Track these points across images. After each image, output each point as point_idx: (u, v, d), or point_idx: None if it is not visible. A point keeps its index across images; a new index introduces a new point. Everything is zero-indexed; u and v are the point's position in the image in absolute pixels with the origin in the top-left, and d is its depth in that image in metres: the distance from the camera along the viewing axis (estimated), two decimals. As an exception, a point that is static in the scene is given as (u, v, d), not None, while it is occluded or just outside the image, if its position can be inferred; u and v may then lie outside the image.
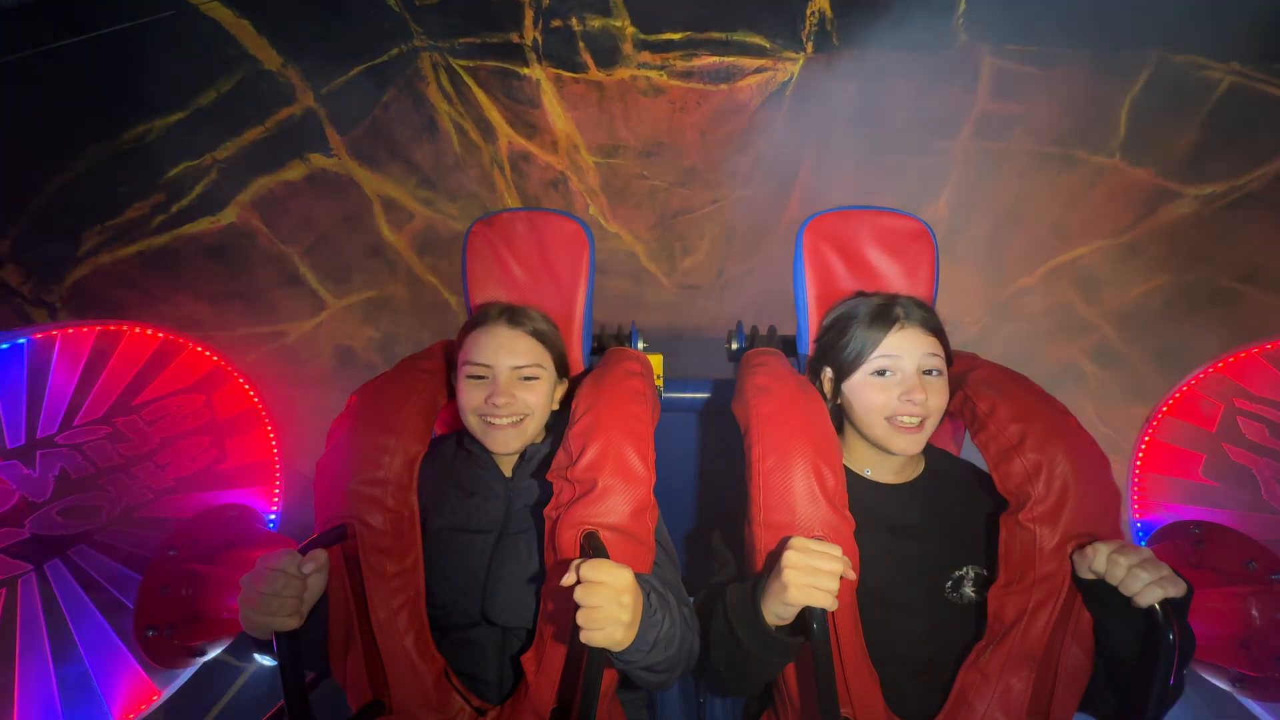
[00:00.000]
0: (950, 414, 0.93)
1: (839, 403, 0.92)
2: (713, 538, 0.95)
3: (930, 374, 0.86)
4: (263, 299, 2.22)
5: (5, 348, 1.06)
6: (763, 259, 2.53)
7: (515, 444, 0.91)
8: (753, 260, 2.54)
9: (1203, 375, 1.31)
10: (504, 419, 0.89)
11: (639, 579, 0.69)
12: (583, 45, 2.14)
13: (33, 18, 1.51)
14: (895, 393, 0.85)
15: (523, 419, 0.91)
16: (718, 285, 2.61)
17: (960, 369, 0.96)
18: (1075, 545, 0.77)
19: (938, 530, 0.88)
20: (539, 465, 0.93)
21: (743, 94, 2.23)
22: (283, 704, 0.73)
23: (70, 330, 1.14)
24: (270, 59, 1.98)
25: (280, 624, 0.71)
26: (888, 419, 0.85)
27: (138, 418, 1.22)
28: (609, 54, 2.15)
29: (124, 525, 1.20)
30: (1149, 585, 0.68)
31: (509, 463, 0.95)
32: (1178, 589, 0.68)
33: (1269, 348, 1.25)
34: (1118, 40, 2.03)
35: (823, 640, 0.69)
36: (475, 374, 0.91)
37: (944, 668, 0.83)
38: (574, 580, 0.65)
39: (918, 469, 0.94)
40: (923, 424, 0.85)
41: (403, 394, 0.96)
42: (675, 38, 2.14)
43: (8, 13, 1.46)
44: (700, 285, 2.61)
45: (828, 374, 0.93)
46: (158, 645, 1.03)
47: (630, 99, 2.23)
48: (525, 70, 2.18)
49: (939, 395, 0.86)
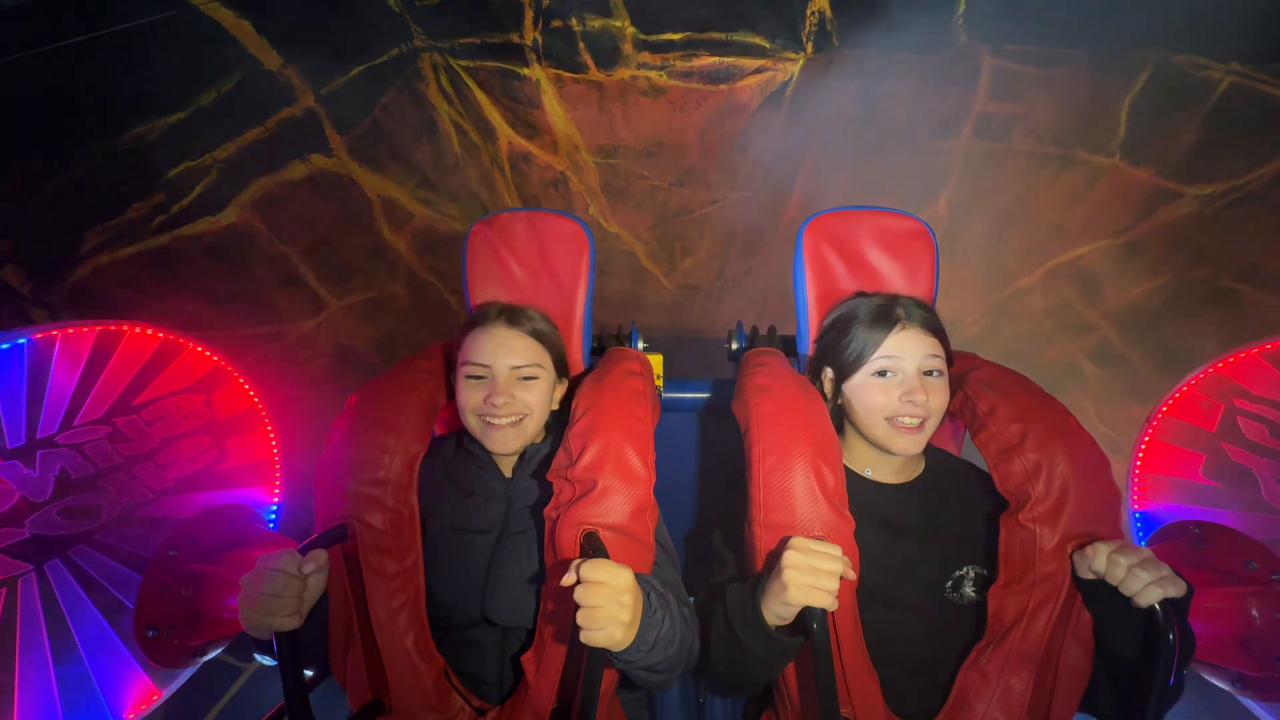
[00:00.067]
0: (950, 414, 0.93)
1: (839, 403, 0.92)
2: (713, 538, 0.95)
3: (931, 375, 0.86)
4: (263, 299, 2.22)
5: (5, 348, 1.06)
6: (763, 259, 2.53)
7: (514, 444, 0.91)
8: (753, 260, 2.54)
9: (1203, 375, 1.31)
10: (503, 419, 0.89)
11: (639, 579, 0.69)
12: (583, 45, 2.14)
13: (33, 18, 1.51)
14: (896, 393, 0.85)
15: (522, 419, 0.91)
16: (718, 285, 2.61)
17: (960, 369, 0.96)
18: (1075, 545, 0.77)
19: (938, 530, 0.88)
20: (539, 465, 0.93)
21: (743, 94, 2.22)
22: (283, 704, 0.73)
23: (70, 330, 1.14)
24: (270, 59, 1.98)
25: (280, 624, 0.71)
26: (888, 419, 0.85)
27: (138, 418, 1.22)
28: (609, 54, 2.15)
29: (124, 525, 1.20)
30: (1149, 585, 0.68)
31: (509, 463, 0.95)
32: (1178, 589, 0.68)
33: (1269, 348, 1.25)
34: (1117, 40, 2.02)
35: (823, 640, 0.69)
36: (474, 374, 0.91)
37: (944, 668, 0.83)
38: (574, 580, 0.65)
39: (918, 469, 0.94)
40: (923, 424, 0.85)
41: (403, 394, 0.96)
42: (675, 38, 2.14)
43: (7, 13, 1.46)
44: (700, 285, 2.61)
45: (828, 374, 0.93)
46: (158, 645, 1.03)
47: (630, 99, 2.23)
48: (525, 70, 2.18)
49: (940, 396, 0.86)
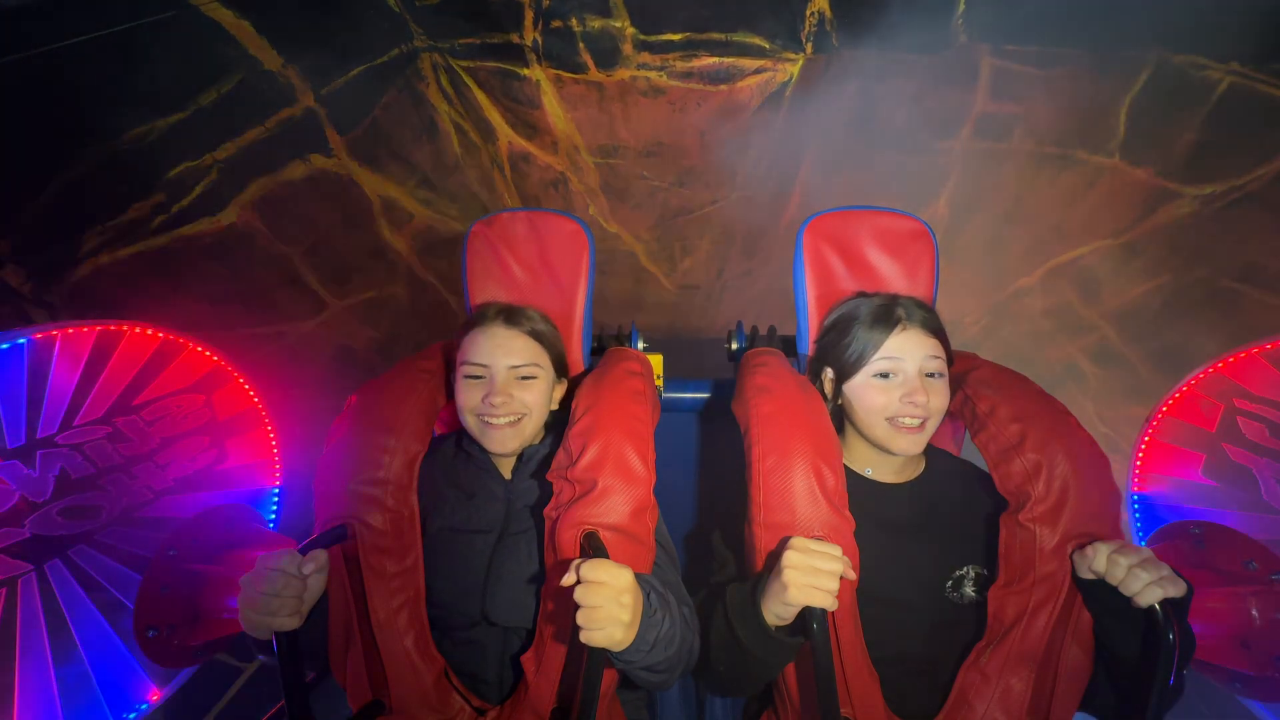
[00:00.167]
0: (950, 414, 0.93)
1: (840, 403, 0.92)
2: (713, 538, 0.95)
3: (932, 375, 0.86)
4: (263, 299, 2.22)
5: (5, 348, 1.06)
6: (762, 259, 2.53)
7: (513, 444, 0.91)
8: (753, 260, 2.54)
9: (1203, 375, 1.31)
10: (501, 419, 0.89)
11: (639, 579, 0.69)
12: (583, 46, 2.14)
13: (33, 18, 1.51)
14: (897, 394, 0.85)
15: (520, 419, 0.91)
16: (718, 285, 2.61)
17: (960, 369, 0.96)
18: (1075, 545, 0.77)
19: (938, 530, 0.88)
20: (538, 466, 0.93)
21: (742, 94, 2.23)
22: (283, 704, 0.73)
23: (70, 330, 1.14)
24: (270, 59, 1.98)
25: (280, 624, 0.71)
26: (889, 420, 0.86)
27: (138, 418, 1.22)
28: (609, 54, 2.15)
29: (124, 525, 1.20)
30: (1149, 585, 0.68)
31: (508, 464, 0.95)
32: (1178, 589, 0.69)
33: (1269, 348, 1.25)
34: (1117, 40, 2.03)
35: (823, 640, 0.69)
36: (472, 374, 0.91)
37: (944, 668, 0.83)
38: (574, 580, 0.65)
39: (918, 469, 0.94)
40: (924, 424, 0.85)
41: (402, 394, 0.96)
42: (675, 38, 2.14)
43: (7, 12, 1.46)
44: (700, 285, 2.61)
45: (828, 374, 0.93)
46: (158, 645, 1.03)
47: (630, 99, 2.23)
48: (525, 71, 2.18)
49: (940, 396, 0.86)
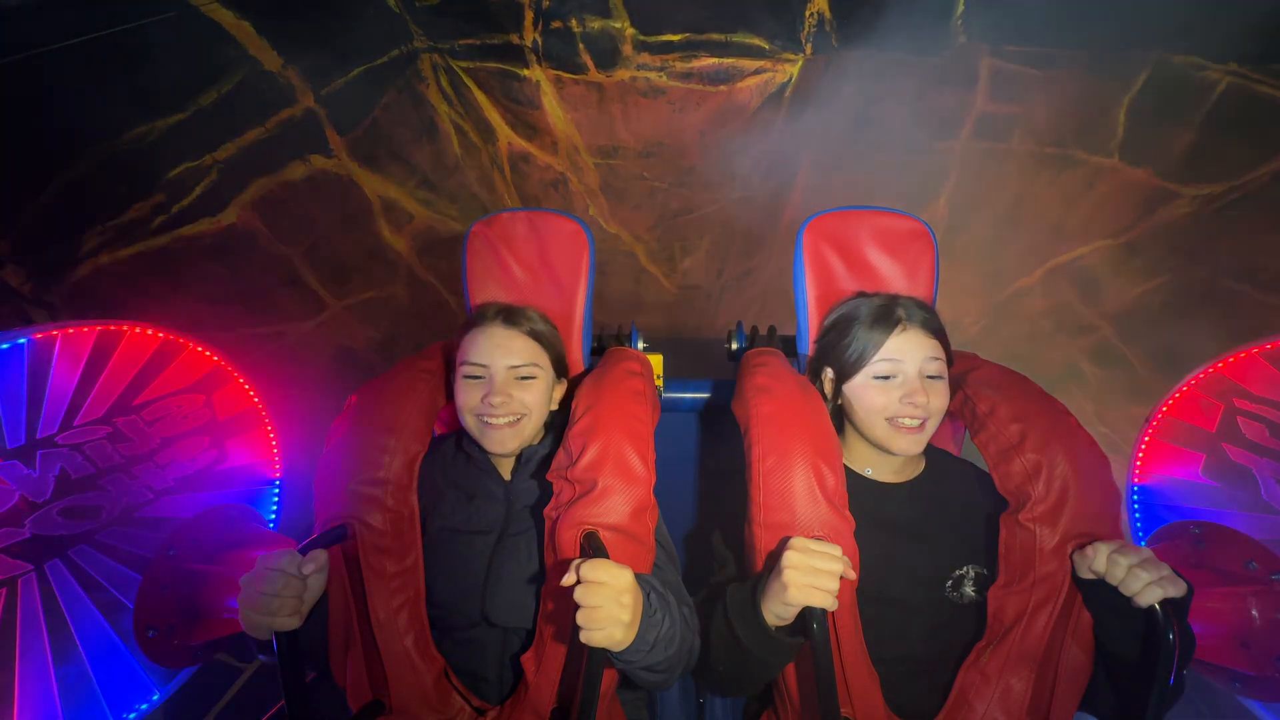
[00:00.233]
0: (950, 414, 0.93)
1: (839, 403, 0.92)
2: (713, 538, 0.95)
3: (932, 376, 0.86)
4: (263, 299, 2.22)
5: (5, 348, 1.06)
6: (762, 259, 2.53)
7: (512, 444, 0.91)
8: (752, 260, 2.55)
9: (1202, 375, 1.31)
10: (501, 419, 0.89)
11: (639, 579, 0.69)
12: (582, 46, 2.14)
13: (33, 18, 1.51)
14: (896, 395, 0.85)
15: (520, 419, 0.91)
16: (717, 285, 2.61)
17: (960, 369, 0.96)
18: (1075, 545, 0.77)
19: (938, 530, 0.88)
20: (538, 466, 0.93)
21: (742, 95, 2.23)
22: (283, 704, 0.73)
23: (70, 330, 1.13)
24: (270, 60, 1.98)
25: (280, 624, 0.71)
26: (889, 420, 0.86)
27: (138, 418, 1.22)
28: (609, 55, 2.16)
29: (124, 525, 1.20)
30: (1149, 585, 0.68)
31: (507, 464, 0.95)
32: (1178, 589, 0.69)
33: (1269, 348, 1.25)
34: (1116, 41, 2.03)
35: (823, 640, 0.69)
36: (472, 374, 0.91)
37: (944, 668, 0.83)
38: (574, 580, 0.65)
39: (918, 469, 0.94)
40: (924, 424, 0.85)
41: (402, 394, 0.96)
42: (674, 39, 2.14)
43: (8, 12, 1.46)
44: (700, 285, 2.61)
45: (828, 374, 0.93)
46: (158, 645, 1.03)
47: (630, 100, 2.23)
48: (525, 71, 2.19)
49: (940, 397, 0.86)
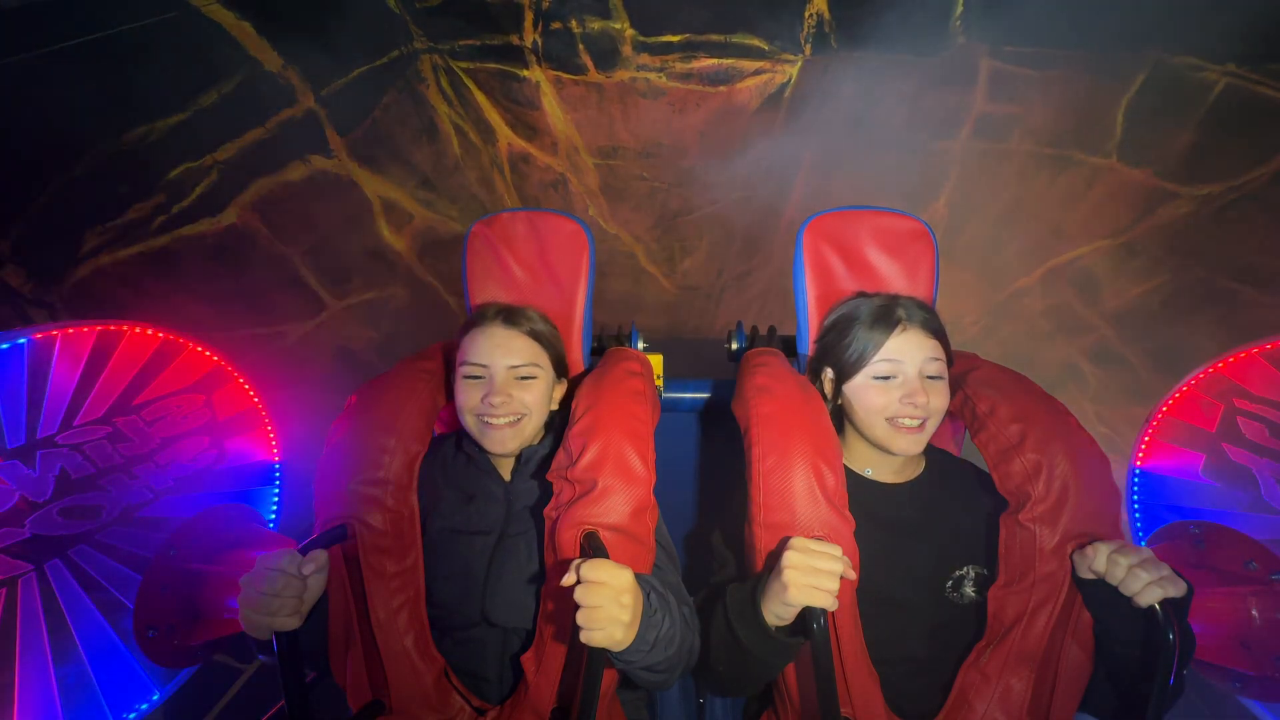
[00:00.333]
0: (950, 414, 0.93)
1: (839, 403, 0.92)
2: (713, 538, 0.95)
3: (932, 377, 0.86)
4: (263, 300, 2.22)
5: (5, 348, 1.06)
6: (762, 259, 2.53)
7: (512, 444, 0.91)
8: (752, 261, 2.55)
9: (1202, 375, 1.31)
10: (501, 419, 0.89)
11: (639, 579, 0.69)
12: (582, 47, 2.15)
13: (34, 19, 1.52)
14: (896, 395, 0.85)
15: (520, 419, 0.91)
16: (717, 286, 2.61)
17: (960, 369, 0.96)
18: (1075, 545, 0.77)
19: (938, 530, 0.88)
20: (538, 466, 0.93)
21: (741, 96, 2.23)
22: (283, 704, 0.73)
23: (70, 330, 1.14)
24: (271, 60, 1.98)
25: (280, 624, 0.71)
26: (889, 420, 0.85)
27: (138, 418, 1.22)
28: (608, 56, 2.16)
29: (124, 525, 1.20)
30: (1149, 585, 0.68)
31: (507, 465, 0.95)
32: (1178, 589, 0.69)
33: (1268, 348, 1.25)
34: (1114, 42, 2.03)
35: (823, 640, 0.69)
36: (472, 374, 0.91)
37: (944, 668, 0.83)
38: (574, 580, 0.65)
39: (918, 469, 0.94)
40: (924, 424, 0.85)
41: (402, 394, 0.96)
42: (674, 40, 2.14)
43: (9, 13, 1.46)
44: (700, 286, 2.61)
45: (828, 374, 0.93)
46: (158, 645, 1.03)
47: (629, 101, 2.24)
48: (525, 72, 2.19)
49: (940, 397, 0.86)
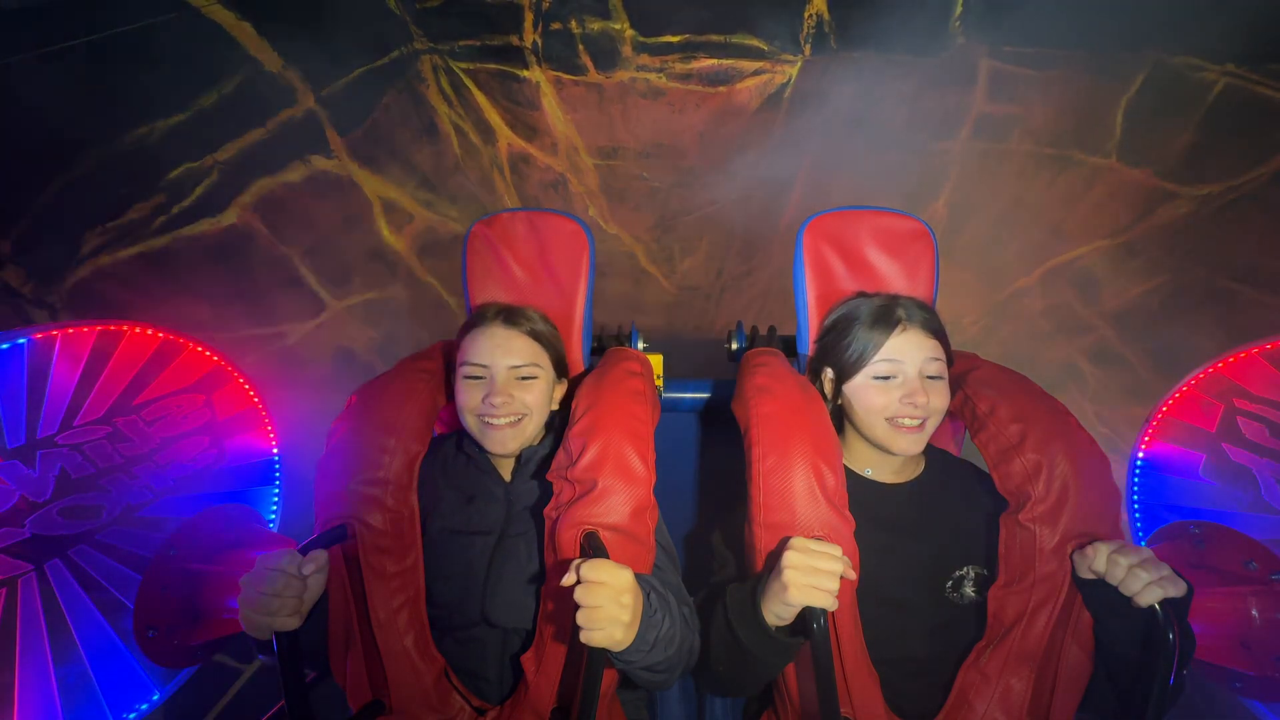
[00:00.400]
0: (950, 414, 0.93)
1: (839, 403, 0.92)
2: (713, 538, 0.95)
3: (932, 377, 0.86)
4: (263, 300, 2.22)
5: (5, 348, 1.06)
6: (762, 260, 2.53)
7: (513, 444, 0.91)
8: (752, 261, 2.55)
9: (1202, 375, 1.32)
10: (502, 419, 0.89)
11: (639, 579, 0.69)
12: (582, 48, 2.15)
13: (35, 19, 1.52)
14: (897, 395, 0.85)
15: (521, 419, 0.91)
16: (717, 286, 2.61)
17: (960, 369, 0.96)
18: (1075, 545, 0.77)
19: (938, 530, 0.88)
20: (538, 466, 0.93)
21: (741, 96, 2.23)
22: (283, 704, 0.73)
23: (70, 330, 1.14)
24: (271, 61, 1.98)
25: (280, 624, 0.71)
26: (889, 420, 0.86)
27: (138, 418, 1.22)
28: (608, 56, 2.16)
29: (124, 525, 1.20)
30: (1149, 585, 0.68)
31: (508, 465, 0.95)
32: (1178, 589, 0.69)
33: (1268, 348, 1.25)
34: (1113, 42, 2.03)
35: (823, 640, 0.69)
36: (472, 374, 0.91)
37: (944, 668, 0.83)
38: (574, 580, 0.65)
39: (918, 469, 0.94)
40: (924, 424, 0.85)
41: (402, 394, 0.96)
42: (674, 40, 2.15)
43: (9, 13, 1.46)
44: (700, 286, 2.61)
45: (828, 374, 0.93)
46: (158, 645, 1.03)
47: (629, 101, 2.24)
48: (525, 73, 2.19)
49: (940, 397, 0.86)
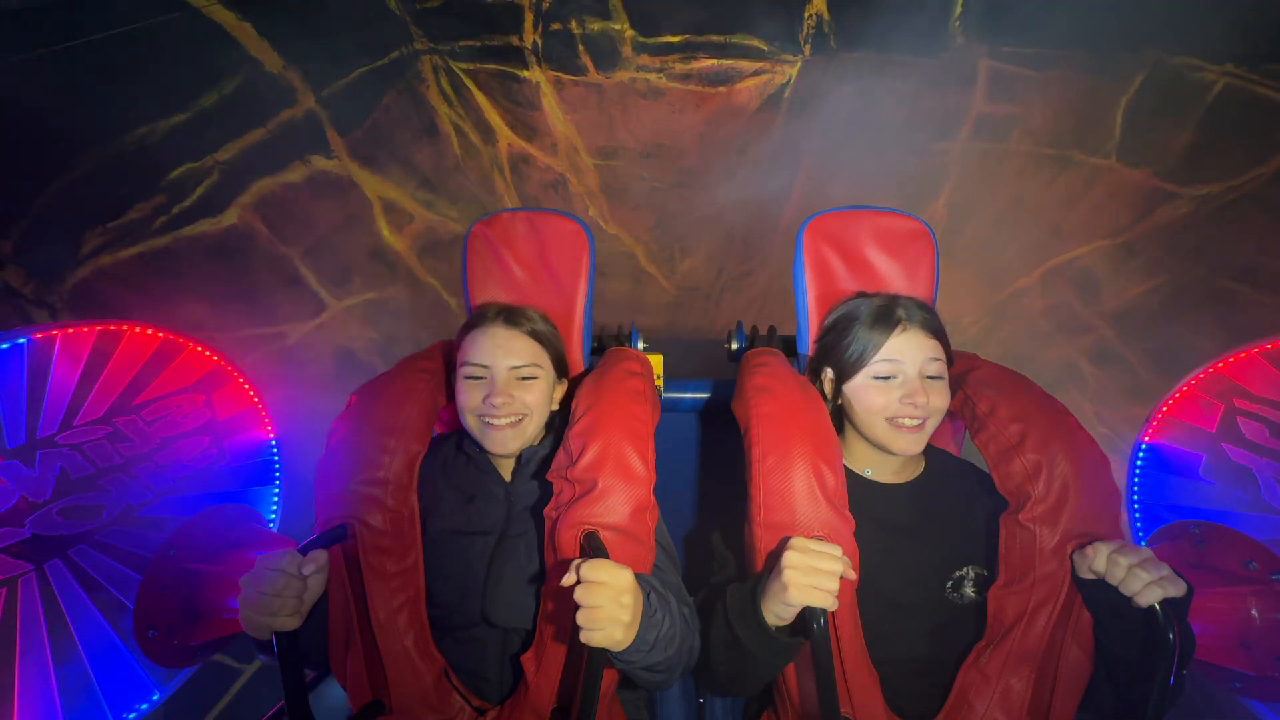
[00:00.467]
0: (950, 414, 0.93)
1: (839, 403, 0.92)
2: (713, 538, 0.95)
3: (932, 377, 0.86)
4: (263, 300, 2.22)
5: (5, 348, 1.06)
6: (762, 260, 2.53)
7: (514, 444, 0.91)
8: (752, 261, 2.55)
9: (1202, 375, 1.32)
10: (502, 419, 0.89)
11: (639, 579, 0.69)
12: (582, 48, 2.15)
13: (36, 20, 1.52)
14: (896, 395, 0.85)
15: (521, 419, 0.91)
16: (717, 286, 2.61)
17: (960, 369, 0.96)
18: (1075, 545, 0.77)
19: (938, 530, 0.88)
20: (538, 466, 0.93)
21: (741, 96, 2.23)
22: (283, 704, 0.73)
23: (70, 330, 1.14)
24: (271, 61, 1.98)
25: (280, 624, 0.71)
26: (888, 419, 0.86)
27: (138, 418, 1.22)
28: (608, 57, 2.16)
29: (124, 525, 1.20)
30: (1149, 585, 0.68)
31: (508, 465, 0.95)
32: (1178, 589, 0.69)
33: (1268, 348, 1.25)
34: (1113, 42, 2.04)
35: (823, 640, 0.69)
36: (473, 374, 0.91)
37: (944, 668, 0.83)
38: (574, 580, 0.65)
39: (918, 469, 0.94)
40: (924, 424, 0.85)
41: (402, 394, 0.96)
42: (674, 40, 2.15)
43: (10, 13, 1.46)
44: (699, 286, 2.61)
45: (828, 374, 0.93)
46: (158, 645, 1.03)
47: (629, 101, 2.24)
48: (525, 73, 2.19)
49: (940, 396, 0.86)
